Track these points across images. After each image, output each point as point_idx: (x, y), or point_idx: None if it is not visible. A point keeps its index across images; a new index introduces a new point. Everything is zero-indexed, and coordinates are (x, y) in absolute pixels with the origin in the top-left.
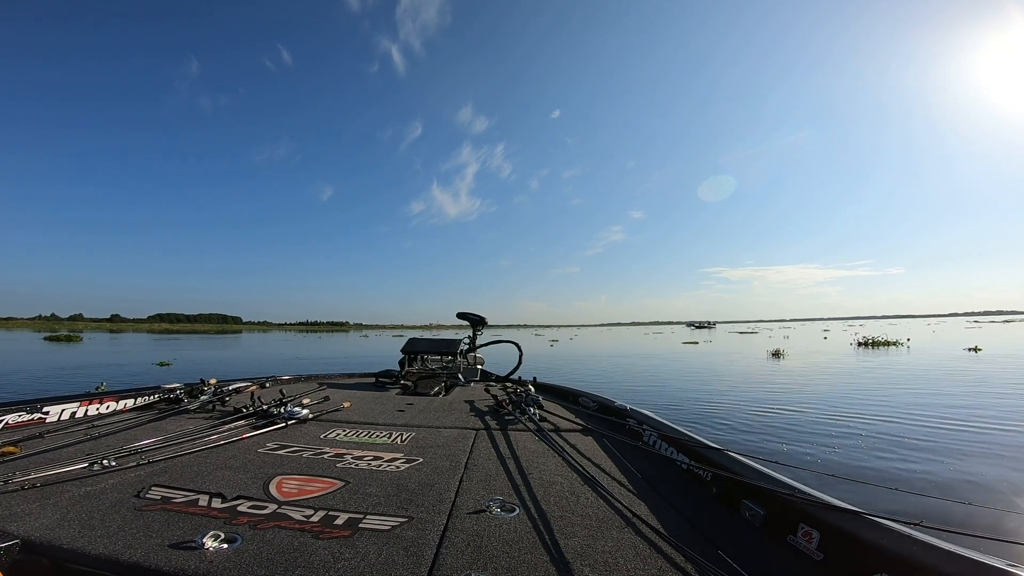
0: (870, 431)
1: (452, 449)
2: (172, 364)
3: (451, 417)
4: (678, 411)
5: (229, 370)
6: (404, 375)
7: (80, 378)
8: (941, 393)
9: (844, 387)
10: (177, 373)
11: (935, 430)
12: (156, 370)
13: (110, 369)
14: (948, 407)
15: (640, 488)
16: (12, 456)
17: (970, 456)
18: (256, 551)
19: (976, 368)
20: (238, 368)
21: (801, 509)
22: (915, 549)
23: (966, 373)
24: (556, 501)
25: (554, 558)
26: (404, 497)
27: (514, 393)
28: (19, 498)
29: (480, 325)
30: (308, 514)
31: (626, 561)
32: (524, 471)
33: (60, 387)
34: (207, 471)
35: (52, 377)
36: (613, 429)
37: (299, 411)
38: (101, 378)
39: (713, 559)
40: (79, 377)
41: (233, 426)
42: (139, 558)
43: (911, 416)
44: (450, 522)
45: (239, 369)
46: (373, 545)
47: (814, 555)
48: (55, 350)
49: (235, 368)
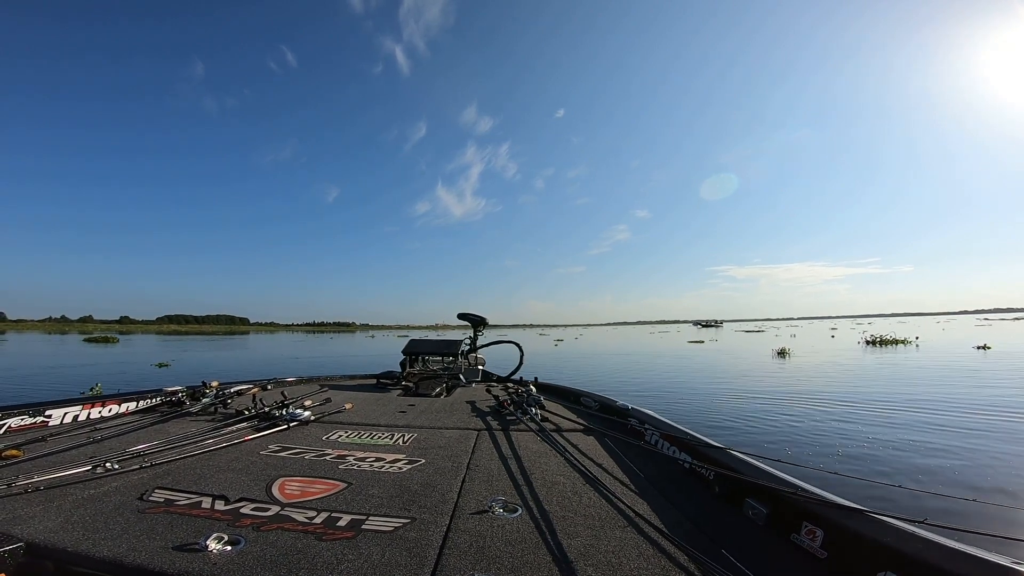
0: (872, 430)
1: (454, 450)
2: (171, 365)
3: (453, 418)
4: (679, 410)
5: (226, 371)
6: (405, 376)
7: (78, 377)
8: (946, 391)
9: (848, 386)
10: (175, 374)
11: (938, 429)
12: (155, 371)
13: (108, 369)
14: (951, 405)
15: (642, 487)
16: (15, 459)
17: (978, 455)
18: (259, 553)
19: (983, 366)
20: (235, 369)
21: (804, 507)
22: (919, 547)
23: (972, 371)
24: (558, 501)
25: (557, 558)
26: (406, 498)
27: (515, 393)
28: (22, 501)
29: (481, 325)
30: (311, 516)
31: (629, 560)
32: (526, 471)
33: (58, 385)
34: (210, 473)
35: (51, 376)
36: (615, 429)
37: (301, 413)
38: (97, 379)
39: (716, 558)
40: (76, 375)
41: (235, 428)
42: (143, 560)
43: (913, 414)
44: (453, 523)
45: (236, 370)
46: (376, 546)
47: (818, 553)
48: (80, 351)
49: (232, 369)
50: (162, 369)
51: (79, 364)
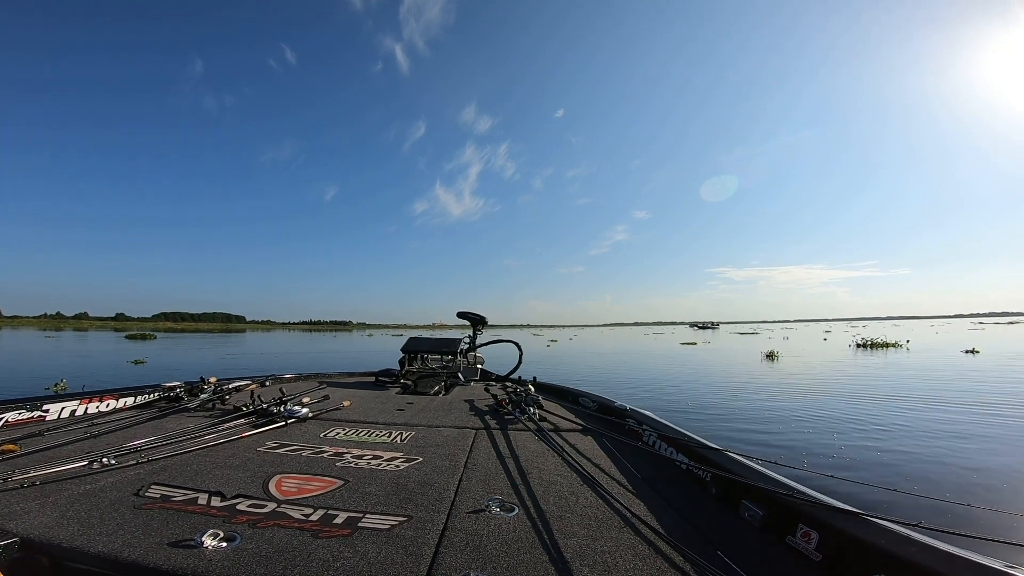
0: (846, 434)
1: (452, 448)
2: (146, 362)
3: (451, 416)
4: (653, 411)
5: (205, 367)
6: (404, 374)
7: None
8: (926, 394)
9: (830, 388)
10: (151, 370)
11: (915, 431)
12: (131, 368)
13: (80, 363)
14: (929, 407)
15: (639, 488)
16: (11, 454)
17: (950, 457)
18: (255, 550)
19: (967, 370)
20: (215, 365)
21: (800, 510)
22: (914, 550)
23: (956, 375)
24: (555, 501)
25: (553, 558)
26: (403, 496)
27: (514, 393)
28: (18, 496)
29: (480, 324)
30: (307, 513)
31: (625, 561)
32: (523, 471)
33: (11, 383)
34: (207, 470)
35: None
36: (613, 429)
37: (299, 410)
38: (62, 374)
39: (712, 559)
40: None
41: (233, 425)
42: (138, 556)
43: (890, 416)
44: (449, 521)
45: (216, 366)
46: (372, 544)
47: (813, 556)
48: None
49: (211, 365)
50: (138, 366)
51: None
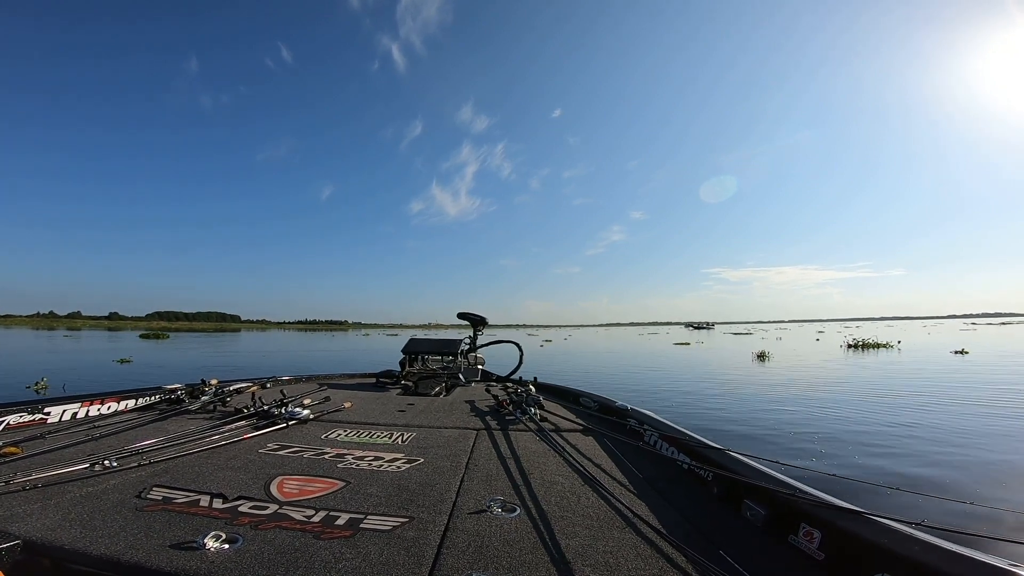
0: (822, 431)
1: (453, 449)
2: (132, 362)
3: (452, 417)
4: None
5: (192, 366)
6: (405, 375)
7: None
8: (911, 392)
9: (817, 388)
10: (137, 370)
11: (881, 426)
12: (116, 368)
13: (60, 360)
14: (911, 406)
15: (641, 488)
16: (14, 456)
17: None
18: (257, 551)
19: (955, 370)
20: (203, 366)
21: (802, 509)
22: (916, 549)
23: (944, 375)
24: (557, 501)
25: (555, 558)
26: (405, 497)
27: (515, 393)
28: (20, 499)
29: (481, 325)
30: (309, 514)
31: (627, 561)
32: (525, 471)
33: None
34: (208, 472)
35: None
36: (614, 429)
37: (300, 411)
38: (43, 374)
39: (714, 559)
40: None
41: (234, 426)
42: (140, 558)
43: (871, 414)
44: (451, 522)
45: (204, 367)
46: (374, 545)
47: (815, 555)
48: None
49: (198, 366)
50: (123, 365)
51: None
